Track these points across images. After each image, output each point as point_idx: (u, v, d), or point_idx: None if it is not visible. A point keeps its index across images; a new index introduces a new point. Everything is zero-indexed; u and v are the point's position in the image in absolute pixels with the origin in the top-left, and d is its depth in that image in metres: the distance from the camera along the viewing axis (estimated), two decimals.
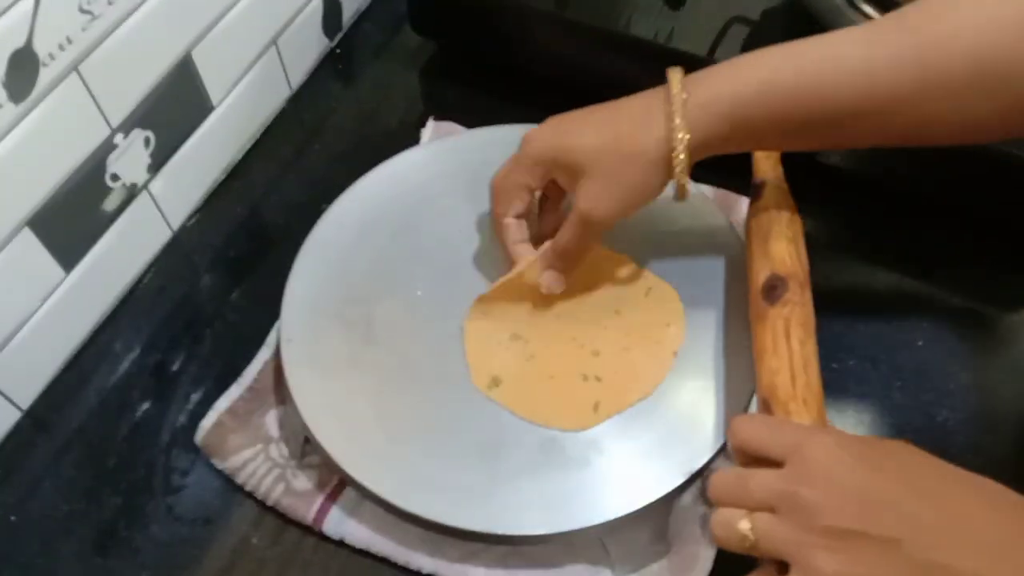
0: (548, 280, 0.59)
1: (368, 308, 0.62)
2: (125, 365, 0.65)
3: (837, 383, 0.62)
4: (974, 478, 0.41)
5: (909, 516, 0.39)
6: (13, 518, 0.58)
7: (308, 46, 0.81)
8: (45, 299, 0.61)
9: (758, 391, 0.52)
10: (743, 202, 0.69)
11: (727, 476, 0.45)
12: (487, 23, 0.77)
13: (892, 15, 0.50)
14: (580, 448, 0.55)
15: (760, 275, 0.55)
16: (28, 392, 0.62)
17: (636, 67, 0.73)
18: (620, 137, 0.54)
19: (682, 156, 0.52)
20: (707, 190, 0.68)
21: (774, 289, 0.54)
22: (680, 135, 0.52)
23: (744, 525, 0.42)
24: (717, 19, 0.72)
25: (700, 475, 0.55)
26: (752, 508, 0.43)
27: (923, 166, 0.67)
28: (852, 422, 0.61)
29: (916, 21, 0.49)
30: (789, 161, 0.71)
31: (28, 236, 0.57)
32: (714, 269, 0.63)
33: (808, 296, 0.54)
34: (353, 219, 0.66)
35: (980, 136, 0.52)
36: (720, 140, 0.53)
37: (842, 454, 0.42)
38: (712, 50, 0.70)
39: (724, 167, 0.68)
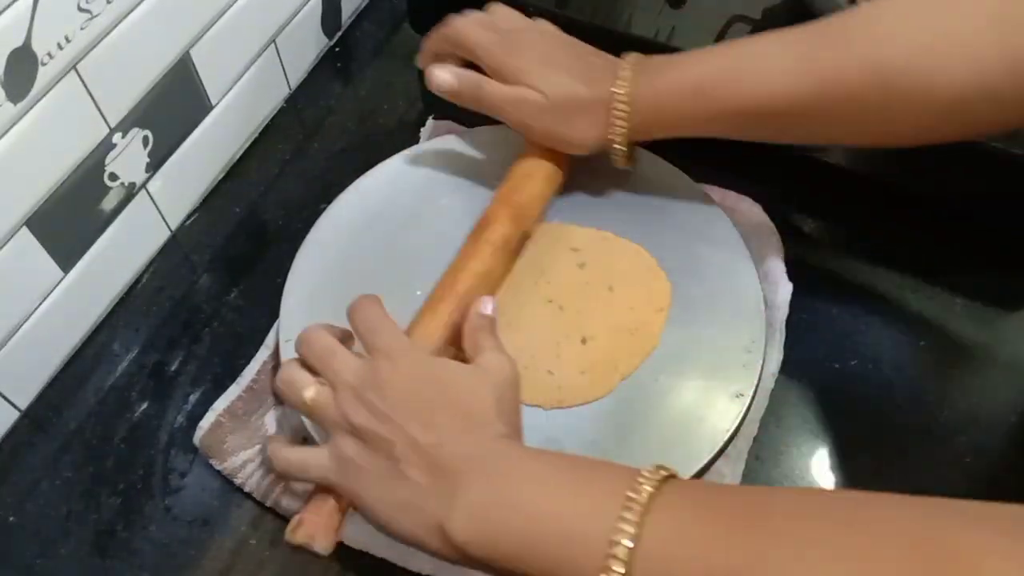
0: (444, 80, 0.63)
1: None
2: (123, 365, 0.64)
3: (838, 383, 0.62)
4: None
5: (405, 432, 0.47)
6: (12, 519, 0.58)
7: (307, 45, 0.81)
8: (43, 299, 0.61)
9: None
10: (745, 202, 0.69)
11: (320, 340, 0.52)
12: None
13: (815, 27, 0.55)
14: (579, 449, 0.55)
15: (533, 226, 0.63)
16: (26, 392, 0.62)
17: None
18: (570, 90, 0.60)
19: (621, 125, 0.59)
20: (711, 190, 0.68)
21: (521, 246, 0.62)
22: (618, 109, 0.58)
23: (309, 394, 0.50)
24: (718, 18, 0.72)
25: (699, 475, 0.55)
26: (321, 376, 0.51)
27: (926, 167, 0.67)
28: (854, 422, 0.61)
29: (832, 33, 0.54)
30: (792, 163, 0.71)
31: (26, 236, 0.57)
32: (713, 270, 0.63)
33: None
34: (352, 219, 0.66)
35: (890, 144, 0.58)
36: (659, 120, 0.59)
37: (405, 374, 0.49)
38: None
39: (726, 168, 0.68)
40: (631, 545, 0.39)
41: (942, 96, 0.51)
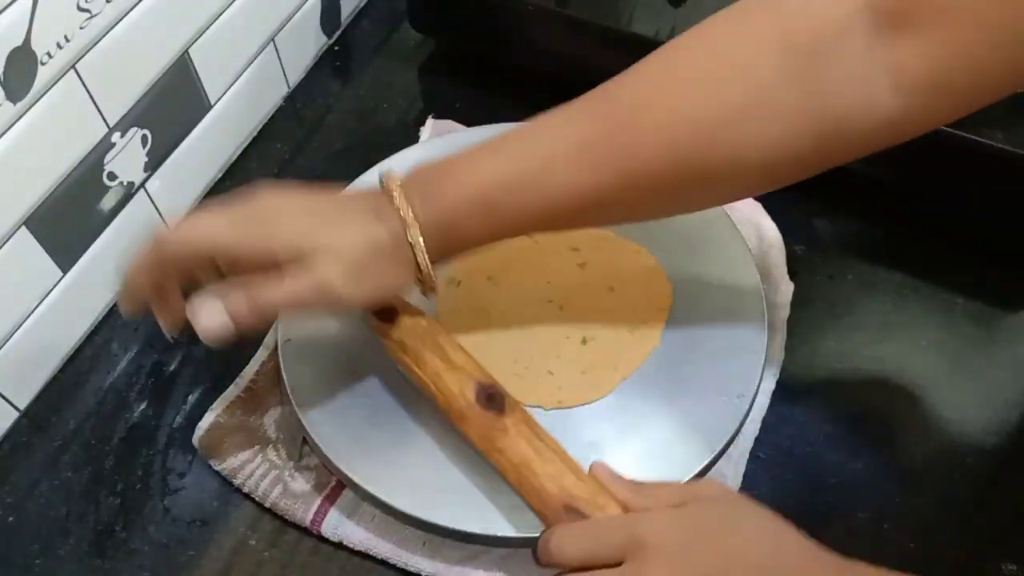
0: (215, 323, 0.47)
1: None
2: (122, 365, 0.64)
3: (840, 383, 0.62)
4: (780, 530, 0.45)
5: None
6: (11, 519, 0.58)
7: (306, 44, 0.81)
8: (42, 299, 0.60)
9: (548, 504, 0.49)
10: (746, 202, 0.69)
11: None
12: (486, 20, 0.77)
13: (601, 95, 0.50)
14: (579, 450, 0.55)
15: (465, 388, 0.52)
16: (25, 392, 0.62)
17: None
18: (367, 236, 0.49)
19: (422, 255, 0.50)
20: None
21: (493, 399, 0.52)
22: (416, 239, 0.49)
23: None
24: None
25: (700, 476, 0.55)
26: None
27: (926, 167, 0.67)
28: (855, 424, 0.60)
29: (620, 114, 0.49)
30: None
31: (25, 236, 0.57)
32: (713, 270, 0.63)
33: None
34: None
35: (700, 208, 0.54)
36: (453, 240, 0.51)
37: (674, 534, 0.44)
38: None
39: None
40: None
41: (749, 166, 0.48)
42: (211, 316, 0.46)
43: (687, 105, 0.47)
